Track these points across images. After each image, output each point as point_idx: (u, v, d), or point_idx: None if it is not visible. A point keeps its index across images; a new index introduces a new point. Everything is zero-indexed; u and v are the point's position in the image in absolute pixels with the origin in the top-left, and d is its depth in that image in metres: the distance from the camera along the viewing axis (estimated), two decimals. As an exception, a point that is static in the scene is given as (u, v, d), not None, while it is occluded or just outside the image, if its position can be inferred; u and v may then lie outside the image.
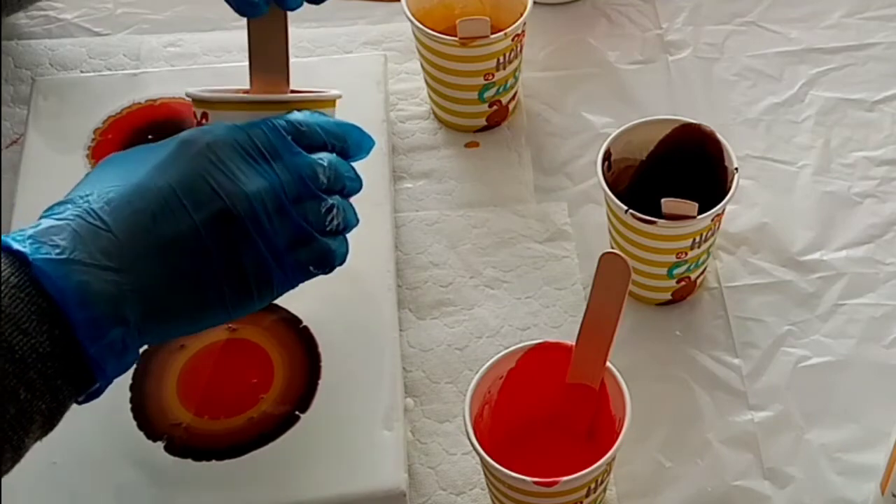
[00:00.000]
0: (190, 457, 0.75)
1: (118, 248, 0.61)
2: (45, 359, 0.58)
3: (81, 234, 0.61)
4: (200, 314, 0.65)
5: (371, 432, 0.76)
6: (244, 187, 0.64)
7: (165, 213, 0.63)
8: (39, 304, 0.58)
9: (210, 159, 0.64)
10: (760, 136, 0.96)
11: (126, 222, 0.62)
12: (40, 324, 0.58)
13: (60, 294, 0.58)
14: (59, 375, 0.59)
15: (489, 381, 0.73)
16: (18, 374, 0.57)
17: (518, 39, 0.90)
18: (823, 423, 0.80)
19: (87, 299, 0.59)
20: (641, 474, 0.78)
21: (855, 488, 0.77)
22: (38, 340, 0.58)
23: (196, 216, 0.63)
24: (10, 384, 0.57)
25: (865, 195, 0.92)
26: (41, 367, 0.58)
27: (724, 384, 0.82)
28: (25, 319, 0.58)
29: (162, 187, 0.63)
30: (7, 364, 0.57)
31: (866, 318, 0.85)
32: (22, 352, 0.57)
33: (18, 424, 0.58)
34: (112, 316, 0.60)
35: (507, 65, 0.91)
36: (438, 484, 0.78)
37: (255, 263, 0.65)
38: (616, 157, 0.83)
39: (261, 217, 0.65)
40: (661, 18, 1.04)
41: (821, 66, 1.00)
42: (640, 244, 0.81)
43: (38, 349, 0.58)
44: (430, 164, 0.94)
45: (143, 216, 0.62)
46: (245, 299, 0.66)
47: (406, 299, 0.86)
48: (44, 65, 1.00)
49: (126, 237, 0.61)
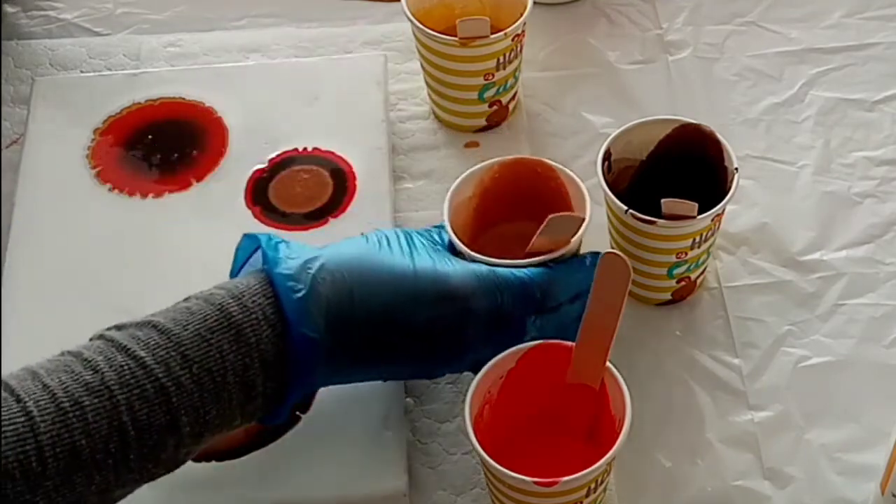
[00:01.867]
0: (190, 457, 0.75)
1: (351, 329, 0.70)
2: (270, 393, 0.67)
3: (315, 298, 0.69)
4: (389, 376, 0.77)
5: (371, 432, 0.76)
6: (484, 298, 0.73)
7: (412, 313, 0.71)
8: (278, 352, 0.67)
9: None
10: (760, 136, 0.96)
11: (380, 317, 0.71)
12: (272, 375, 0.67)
13: (300, 344, 0.68)
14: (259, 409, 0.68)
15: (489, 380, 0.73)
16: (244, 393, 0.66)
17: (518, 39, 0.90)
18: (823, 423, 0.80)
19: (308, 346, 0.68)
20: (641, 474, 0.78)
21: (855, 488, 0.77)
22: (266, 381, 0.67)
23: (445, 318, 0.72)
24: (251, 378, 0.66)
25: (865, 195, 0.92)
26: (255, 404, 0.67)
27: (724, 384, 0.82)
28: (271, 366, 0.67)
29: (414, 291, 0.72)
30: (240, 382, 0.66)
31: (866, 318, 0.85)
32: (258, 389, 0.67)
33: (225, 422, 0.67)
34: (320, 359, 0.69)
35: (507, 65, 0.90)
36: (438, 484, 0.78)
37: (453, 346, 0.74)
38: (616, 157, 0.83)
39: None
40: (661, 18, 1.04)
41: (821, 66, 1.00)
42: (640, 244, 0.81)
43: (265, 388, 0.67)
44: (430, 164, 0.94)
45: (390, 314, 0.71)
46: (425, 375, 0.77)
47: (406, 299, 0.86)
48: (44, 65, 1.00)
49: (356, 314, 0.70)
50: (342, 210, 0.87)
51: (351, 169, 0.90)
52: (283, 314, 0.67)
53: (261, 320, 0.66)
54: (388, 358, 0.72)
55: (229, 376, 0.64)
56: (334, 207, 0.88)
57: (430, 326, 0.71)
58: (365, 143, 0.91)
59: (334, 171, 0.89)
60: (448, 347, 0.72)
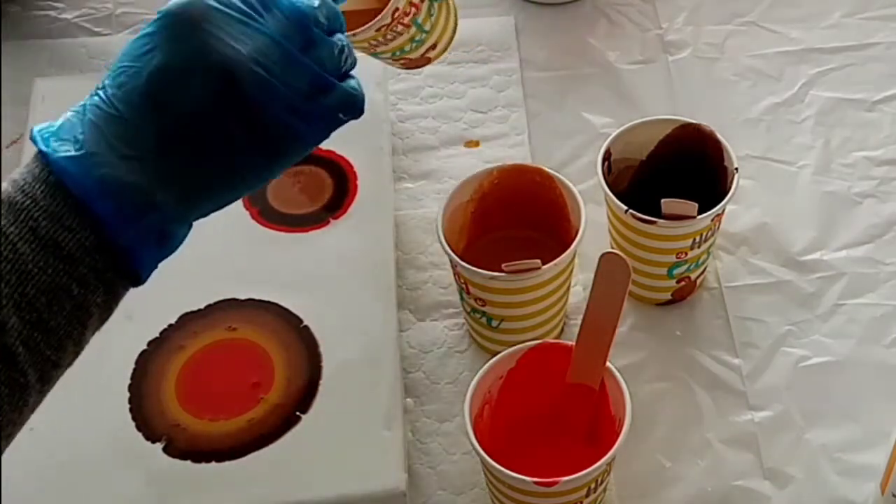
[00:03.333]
0: (189, 459, 0.75)
1: (137, 134, 0.61)
2: (93, 252, 0.59)
3: (100, 124, 0.60)
4: (236, 182, 0.64)
5: (371, 432, 0.76)
6: (243, 48, 0.62)
7: (173, 94, 0.61)
8: (76, 201, 0.58)
9: (201, 31, 0.62)
10: (760, 136, 0.96)
11: (138, 107, 0.61)
12: (83, 219, 0.58)
13: (83, 190, 0.58)
14: (110, 268, 0.59)
15: (489, 381, 0.73)
16: (69, 270, 0.58)
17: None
18: (823, 423, 0.80)
19: (110, 190, 0.59)
20: (641, 474, 0.78)
21: (855, 488, 0.77)
22: (83, 235, 0.58)
23: (203, 90, 0.61)
24: (62, 281, 0.58)
25: (865, 195, 0.92)
26: (90, 260, 0.58)
27: (724, 384, 0.82)
28: (67, 216, 0.58)
29: (162, 68, 0.61)
30: (56, 261, 0.58)
31: (866, 318, 0.85)
32: (69, 247, 0.58)
33: (76, 318, 0.59)
34: (141, 203, 0.60)
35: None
36: (438, 484, 0.78)
37: (275, 122, 0.63)
38: (616, 157, 0.83)
39: (268, 74, 0.62)
40: (661, 18, 1.04)
41: (821, 66, 1.00)
42: (640, 244, 0.81)
43: (85, 243, 0.58)
44: (430, 164, 0.94)
45: (152, 100, 0.61)
46: (277, 158, 0.65)
47: (406, 300, 0.86)
48: (44, 65, 1.00)
49: (141, 122, 0.61)
50: (343, 211, 0.87)
51: (352, 169, 0.90)
52: (52, 166, 0.59)
53: (30, 182, 0.59)
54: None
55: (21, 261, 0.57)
56: (335, 208, 0.87)
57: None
58: (366, 143, 0.91)
59: (335, 171, 0.89)
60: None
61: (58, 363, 0.59)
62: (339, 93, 0.65)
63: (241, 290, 0.82)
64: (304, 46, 0.64)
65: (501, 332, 0.81)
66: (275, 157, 0.64)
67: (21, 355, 0.57)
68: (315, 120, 0.65)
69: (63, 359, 0.59)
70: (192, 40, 0.62)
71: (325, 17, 0.65)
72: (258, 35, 0.62)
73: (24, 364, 0.57)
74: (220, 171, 0.63)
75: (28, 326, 0.57)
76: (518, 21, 1.04)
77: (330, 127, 0.66)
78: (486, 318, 0.80)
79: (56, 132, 0.60)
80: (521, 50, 1.02)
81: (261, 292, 0.82)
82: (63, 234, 0.58)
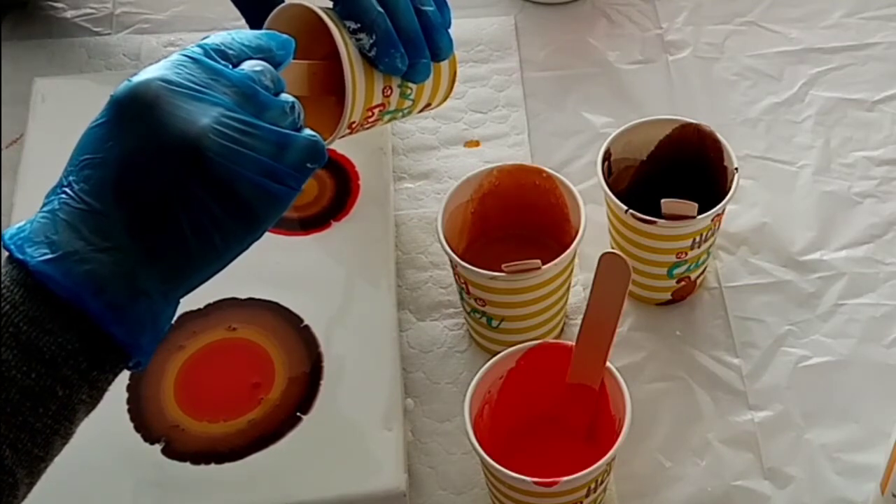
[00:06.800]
0: (188, 460, 0.75)
1: (111, 225, 0.60)
2: (76, 354, 0.58)
3: (72, 222, 0.60)
4: (219, 254, 0.63)
5: (371, 432, 0.76)
6: (202, 122, 0.61)
7: (141, 181, 0.61)
8: (57, 303, 0.58)
9: (157, 111, 0.62)
10: (760, 136, 0.96)
11: (108, 199, 0.61)
12: (63, 322, 0.58)
13: (68, 291, 0.58)
14: (94, 367, 0.59)
15: (489, 381, 0.73)
16: (52, 373, 0.58)
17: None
18: (823, 422, 0.80)
19: (98, 286, 0.59)
20: (641, 474, 0.78)
21: (855, 488, 0.77)
22: (65, 338, 0.58)
23: (169, 171, 0.61)
24: (45, 384, 0.58)
25: (865, 195, 0.92)
26: (73, 363, 0.58)
27: (724, 384, 0.82)
28: (48, 320, 0.58)
29: (125, 155, 0.61)
30: (39, 365, 0.57)
31: (866, 318, 0.85)
32: (51, 351, 0.58)
33: (62, 417, 0.59)
34: (129, 293, 0.60)
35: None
36: (438, 484, 0.78)
37: (249, 187, 0.63)
38: (616, 157, 0.83)
39: (233, 142, 0.62)
40: (661, 18, 1.04)
41: (821, 66, 1.00)
42: (640, 244, 0.81)
43: (66, 346, 0.58)
44: (430, 164, 0.94)
45: (120, 189, 0.61)
46: (256, 223, 0.64)
47: (406, 300, 0.86)
48: (44, 65, 1.00)
49: (114, 212, 0.60)
50: (345, 213, 0.87)
51: (354, 169, 0.90)
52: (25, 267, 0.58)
53: (8, 286, 0.58)
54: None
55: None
56: (337, 209, 0.87)
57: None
58: (366, 143, 0.91)
59: (336, 172, 0.89)
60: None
61: (46, 458, 0.59)
62: (302, 144, 0.65)
63: (241, 289, 0.82)
64: (257, 111, 0.64)
65: (501, 332, 0.81)
66: (254, 223, 0.64)
67: (8, 458, 0.57)
68: (286, 177, 0.64)
69: (51, 453, 0.60)
70: (150, 123, 0.61)
71: (270, 81, 0.66)
72: (213, 107, 0.62)
73: (11, 465, 0.57)
74: (201, 247, 0.62)
75: (14, 430, 0.57)
76: (518, 21, 1.04)
77: (301, 180, 0.66)
78: (486, 318, 0.80)
79: (28, 237, 0.60)
80: (521, 50, 1.02)
81: (261, 292, 0.82)
82: (44, 337, 0.58)
